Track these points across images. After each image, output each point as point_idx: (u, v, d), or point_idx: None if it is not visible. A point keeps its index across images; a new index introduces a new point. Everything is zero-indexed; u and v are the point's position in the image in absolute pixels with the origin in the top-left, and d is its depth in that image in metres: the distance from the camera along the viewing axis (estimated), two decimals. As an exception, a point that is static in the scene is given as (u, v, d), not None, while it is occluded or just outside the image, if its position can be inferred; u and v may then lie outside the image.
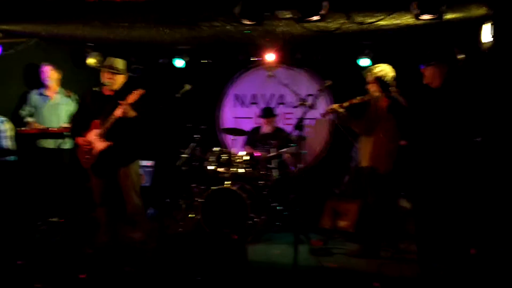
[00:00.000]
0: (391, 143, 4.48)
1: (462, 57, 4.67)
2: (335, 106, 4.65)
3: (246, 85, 7.18)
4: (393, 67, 4.50)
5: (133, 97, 4.26)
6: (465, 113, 3.72)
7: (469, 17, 4.32)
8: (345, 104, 4.60)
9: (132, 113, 4.30)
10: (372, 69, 4.53)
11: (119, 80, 4.55)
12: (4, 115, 5.20)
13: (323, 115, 4.83)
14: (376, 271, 4.16)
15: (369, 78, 4.53)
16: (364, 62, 5.85)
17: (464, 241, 3.83)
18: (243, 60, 6.76)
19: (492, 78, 4.20)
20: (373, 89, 4.52)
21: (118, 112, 4.25)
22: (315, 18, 3.47)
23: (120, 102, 4.24)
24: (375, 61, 5.56)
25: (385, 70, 4.47)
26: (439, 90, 3.91)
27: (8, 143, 5.04)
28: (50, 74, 5.64)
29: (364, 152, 4.59)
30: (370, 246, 4.62)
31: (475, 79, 3.97)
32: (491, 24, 3.98)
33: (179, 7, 4.06)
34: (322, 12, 3.43)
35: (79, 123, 4.57)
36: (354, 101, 4.56)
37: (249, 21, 3.64)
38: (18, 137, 5.21)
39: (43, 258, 4.36)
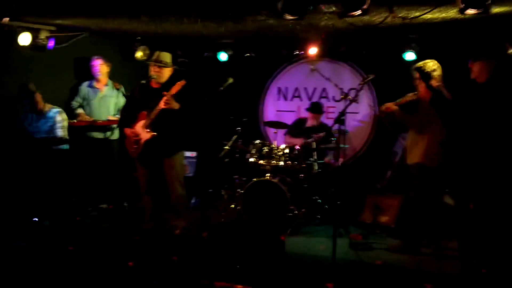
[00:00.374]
0: (442, 137, 4.40)
1: (510, 53, 4.55)
2: (389, 104, 4.57)
3: (289, 78, 7.20)
4: (440, 61, 4.40)
5: (175, 88, 4.41)
6: (509, 109, 3.62)
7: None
8: (400, 101, 4.52)
9: (175, 105, 4.45)
10: (418, 65, 4.46)
11: (166, 73, 4.71)
12: (58, 105, 5.48)
13: (378, 114, 4.73)
14: (416, 267, 4.14)
15: (416, 74, 4.46)
16: (409, 56, 5.74)
17: (506, 239, 3.73)
18: (286, 54, 6.78)
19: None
20: (421, 85, 4.45)
21: (161, 104, 4.41)
22: (358, 12, 3.46)
23: (164, 93, 4.40)
24: (420, 56, 5.47)
25: (429, 64, 4.39)
26: (484, 85, 3.82)
27: (62, 133, 5.31)
28: (101, 67, 5.84)
29: (416, 148, 4.49)
30: (411, 241, 4.57)
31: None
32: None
33: (224, 1, 4.13)
34: (365, 6, 3.41)
35: (127, 115, 4.77)
36: (408, 98, 4.48)
37: (291, 16, 3.68)
38: (69, 128, 5.47)
39: (93, 243, 4.59)
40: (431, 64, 4.37)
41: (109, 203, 5.83)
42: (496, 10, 4.02)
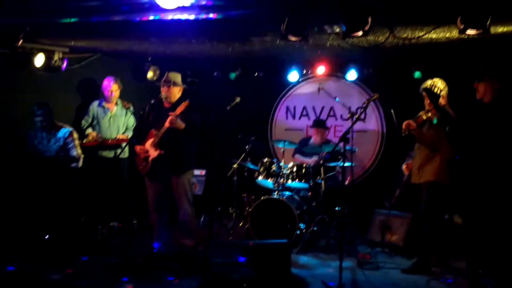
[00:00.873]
0: (451, 156, 4.42)
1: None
2: (411, 122, 4.50)
3: (297, 97, 7.28)
4: (446, 80, 4.44)
5: (180, 108, 4.51)
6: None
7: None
8: (417, 120, 4.49)
9: (180, 124, 4.54)
10: (426, 85, 4.50)
11: (176, 92, 4.82)
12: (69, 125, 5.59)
13: (403, 132, 4.60)
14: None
15: (424, 94, 4.50)
16: (417, 75, 5.80)
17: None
18: (295, 73, 6.86)
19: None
20: (430, 105, 4.48)
21: (166, 123, 4.51)
22: (359, 33, 3.53)
23: (170, 113, 4.49)
24: (426, 75, 5.52)
25: (437, 84, 4.42)
26: (490, 105, 3.86)
27: (76, 152, 5.40)
28: (112, 87, 5.91)
29: (429, 166, 4.48)
30: (421, 261, 4.54)
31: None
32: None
33: (230, 24, 4.24)
34: (366, 28, 3.48)
35: (139, 133, 4.88)
36: (424, 117, 4.47)
37: (295, 37, 3.76)
38: (81, 147, 5.56)
39: (100, 261, 4.64)
40: (439, 84, 4.41)
41: (119, 220, 5.88)
42: (499, 30, 4.07)
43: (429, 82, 4.47)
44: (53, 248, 4.83)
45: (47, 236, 5.00)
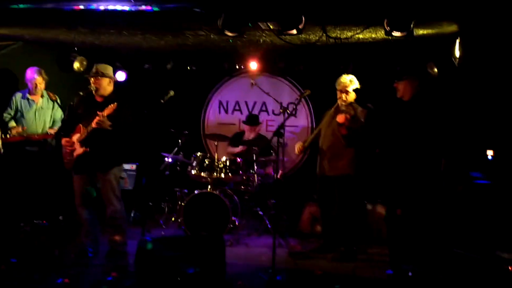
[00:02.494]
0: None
1: (434, 72, 4.95)
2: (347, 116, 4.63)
3: (230, 92, 7.33)
4: (371, 79, 4.71)
5: (107, 110, 4.38)
6: (428, 124, 3.97)
7: (442, 33, 4.54)
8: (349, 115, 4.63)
9: (107, 125, 4.41)
10: (348, 82, 4.75)
11: (105, 85, 4.64)
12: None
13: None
14: (351, 273, 4.34)
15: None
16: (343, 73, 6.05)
17: (432, 243, 4.04)
18: (227, 68, 6.91)
19: (462, 92, 4.45)
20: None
21: (93, 123, 4.37)
22: (293, 31, 3.64)
23: (98, 113, 4.36)
24: (353, 73, 5.79)
25: (354, 80, 4.73)
26: (408, 103, 4.17)
27: None
28: (37, 79, 5.57)
29: (339, 160, 4.77)
30: (327, 243, 4.91)
31: (446, 93, 4.22)
32: (459, 41, 4.23)
33: (164, 16, 4.19)
34: (300, 26, 3.60)
35: (66, 126, 4.67)
36: (352, 112, 4.60)
37: (231, 33, 3.80)
38: (3, 143, 5.22)
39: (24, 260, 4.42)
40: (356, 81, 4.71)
41: (44, 218, 5.60)
42: (421, 32, 4.38)
43: (354, 80, 4.72)
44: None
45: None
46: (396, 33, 3.56)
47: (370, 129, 4.41)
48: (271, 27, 4.17)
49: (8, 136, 5.34)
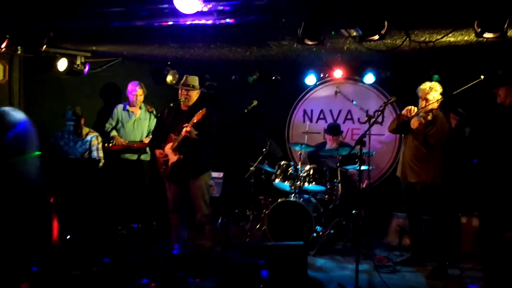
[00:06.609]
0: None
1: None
2: (421, 119, 4.55)
3: (314, 100, 7.30)
4: (463, 83, 4.43)
5: (197, 117, 4.59)
6: None
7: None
8: (425, 119, 4.53)
9: (194, 134, 4.62)
10: (431, 88, 4.61)
11: (193, 95, 4.90)
12: (91, 127, 5.72)
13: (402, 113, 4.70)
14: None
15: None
16: (434, 79, 5.76)
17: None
18: (312, 76, 6.88)
19: None
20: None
21: (183, 133, 4.60)
22: (376, 37, 3.55)
23: (185, 125, 4.57)
24: (444, 78, 5.50)
25: (436, 86, 4.59)
26: (510, 108, 3.85)
27: (97, 154, 5.54)
28: (138, 91, 6.01)
29: (423, 167, 4.58)
30: (414, 256, 4.73)
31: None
32: None
33: (248, 29, 4.30)
34: (382, 31, 3.50)
35: (158, 137, 4.98)
36: (429, 118, 4.51)
37: (311, 41, 3.80)
38: (105, 150, 5.69)
39: (120, 262, 4.74)
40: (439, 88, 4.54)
41: (139, 222, 5.98)
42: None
43: (435, 87, 4.53)
44: (74, 248, 4.94)
45: (68, 236, 5.12)
46: (488, 35, 3.32)
47: (461, 136, 4.14)
48: (353, 33, 4.10)
49: (110, 145, 5.80)
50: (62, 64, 5.54)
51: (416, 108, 4.60)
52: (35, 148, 2.29)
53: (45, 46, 4.93)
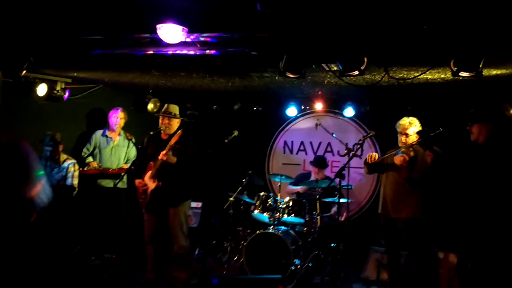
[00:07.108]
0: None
1: (511, 113, 4.67)
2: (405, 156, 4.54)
3: (295, 132, 7.35)
4: (440, 120, 4.53)
5: (174, 139, 4.55)
6: (505, 169, 3.70)
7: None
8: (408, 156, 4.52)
9: (172, 159, 4.57)
10: (409, 124, 4.63)
11: (174, 124, 4.88)
12: (68, 154, 5.62)
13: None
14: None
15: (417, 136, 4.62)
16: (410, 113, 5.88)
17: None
18: (292, 108, 6.95)
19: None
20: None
21: (160, 156, 4.55)
22: (355, 72, 3.63)
23: (163, 150, 4.53)
24: (421, 114, 5.61)
25: (414, 122, 4.61)
26: (483, 146, 3.94)
27: (72, 181, 5.43)
28: (119, 114, 5.99)
29: (405, 202, 4.58)
30: None
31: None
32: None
33: (230, 60, 4.34)
34: (362, 67, 3.58)
35: (137, 166, 4.91)
36: (412, 154, 4.51)
37: (293, 75, 3.85)
38: (80, 175, 5.58)
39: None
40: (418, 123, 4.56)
41: (113, 252, 5.82)
42: (493, 72, 4.17)
43: (415, 122, 4.57)
44: (44, 278, 4.76)
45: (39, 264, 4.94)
46: (464, 74, 3.42)
47: (438, 172, 4.21)
48: (334, 68, 4.18)
49: (85, 168, 5.70)
50: (41, 90, 5.48)
51: (376, 155, 4.64)
52: None
53: (25, 71, 4.88)
